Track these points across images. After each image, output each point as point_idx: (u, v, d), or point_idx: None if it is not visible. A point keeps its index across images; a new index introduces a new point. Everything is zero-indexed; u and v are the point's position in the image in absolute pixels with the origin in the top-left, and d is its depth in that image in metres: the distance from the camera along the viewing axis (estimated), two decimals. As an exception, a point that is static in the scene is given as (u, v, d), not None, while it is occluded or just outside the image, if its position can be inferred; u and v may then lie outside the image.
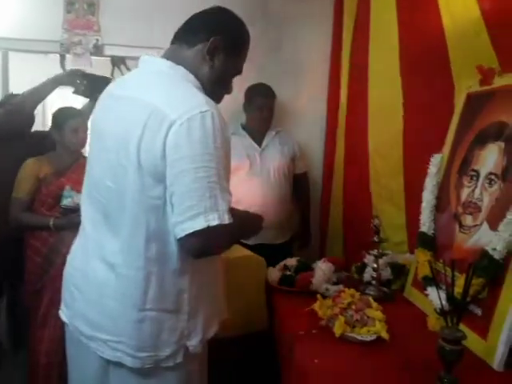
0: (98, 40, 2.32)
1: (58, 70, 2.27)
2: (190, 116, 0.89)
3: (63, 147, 2.03)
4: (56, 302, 1.98)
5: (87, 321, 1.03)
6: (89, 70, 2.27)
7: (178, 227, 0.91)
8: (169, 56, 1.04)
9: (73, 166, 2.05)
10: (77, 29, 2.28)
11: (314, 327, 1.30)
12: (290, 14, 2.51)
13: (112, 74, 2.35)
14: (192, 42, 1.03)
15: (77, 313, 1.06)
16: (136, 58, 2.32)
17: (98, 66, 2.33)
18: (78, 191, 1.99)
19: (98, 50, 2.31)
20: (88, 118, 2.32)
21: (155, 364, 0.98)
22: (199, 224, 0.88)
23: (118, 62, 2.33)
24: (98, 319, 1.00)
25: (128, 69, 2.32)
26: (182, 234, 0.90)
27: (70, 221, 1.94)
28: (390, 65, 1.91)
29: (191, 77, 1.02)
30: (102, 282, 1.00)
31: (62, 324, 1.12)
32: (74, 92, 2.22)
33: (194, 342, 1.01)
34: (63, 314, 1.13)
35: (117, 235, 0.98)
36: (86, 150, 2.46)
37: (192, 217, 0.88)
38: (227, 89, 1.11)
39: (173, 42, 1.08)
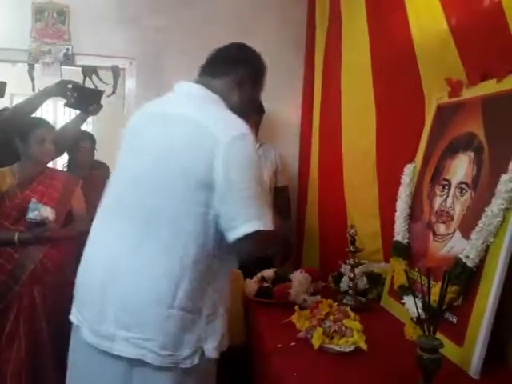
0: (68, 49, 2.28)
1: (26, 80, 2.20)
2: (236, 135, 1.00)
3: (28, 158, 1.94)
4: (23, 320, 1.92)
5: (110, 319, 1.04)
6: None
7: (231, 231, 1.01)
8: (203, 84, 1.14)
9: (38, 178, 1.97)
10: (46, 38, 2.23)
11: (292, 339, 1.28)
12: (262, 25, 2.53)
13: (83, 84, 2.30)
14: (221, 73, 1.15)
15: (96, 314, 1.06)
16: (108, 68, 2.35)
17: (69, 76, 2.27)
18: (45, 204, 1.92)
19: (68, 60, 2.26)
20: (75, 130, 2.27)
21: (174, 363, 1.02)
22: (250, 228, 1.00)
23: (89, 72, 2.29)
24: (123, 316, 1.03)
25: (100, 79, 2.28)
26: (235, 237, 1.01)
27: (37, 235, 1.86)
28: (362, 77, 1.94)
29: (223, 103, 1.13)
30: (133, 281, 1.04)
31: (29, 344, 1.07)
32: (66, 104, 2.19)
33: (210, 346, 1.06)
34: (75, 318, 1.14)
35: (155, 238, 1.03)
36: (52, 162, 2.42)
37: (244, 222, 1.00)
38: (249, 116, 1.23)
39: (201, 74, 1.18)
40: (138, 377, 1.03)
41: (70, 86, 2.07)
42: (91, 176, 2.47)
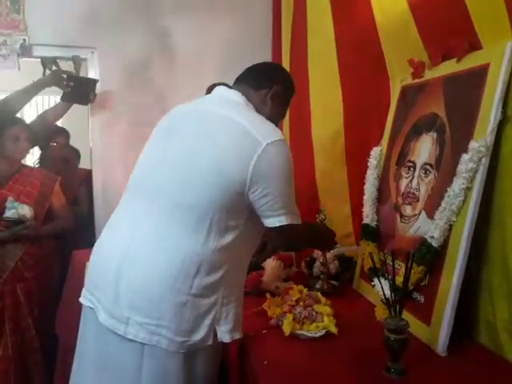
0: (25, 40, 2.17)
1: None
2: (275, 141, 1.05)
3: (2, 157, 1.93)
4: (8, 318, 1.90)
5: (124, 303, 1.04)
6: (16, 72, 2.15)
7: (270, 219, 1.08)
8: (240, 92, 1.19)
9: (15, 177, 1.96)
10: (0, 28, 2.13)
11: (264, 327, 1.28)
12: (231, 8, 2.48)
13: (44, 76, 2.22)
14: (257, 86, 1.20)
15: (111, 297, 1.06)
16: (68, 59, 2.26)
17: (27, 68, 2.19)
18: (22, 202, 1.89)
19: (25, 51, 2.16)
20: (56, 118, 2.25)
21: (188, 349, 1.04)
22: (286, 220, 1.08)
23: (49, 63, 2.20)
24: (138, 302, 1.03)
25: (60, 70, 2.20)
26: (273, 226, 1.09)
27: (15, 233, 1.86)
28: (328, 60, 1.92)
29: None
30: (150, 265, 1.04)
31: (16, 341, 1.04)
32: (63, 98, 2.19)
33: (223, 328, 1.07)
34: (87, 301, 1.14)
35: (175, 226, 1.05)
36: (27, 160, 2.37)
37: (283, 214, 1.08)
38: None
39: (238, 82, 1.24)
40: (150, 360, 1.04)
41: (64, 75, 2.07)
42: (67, 172, 2.44)
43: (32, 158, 3.00)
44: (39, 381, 1.93)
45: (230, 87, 1.21)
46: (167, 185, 1.08)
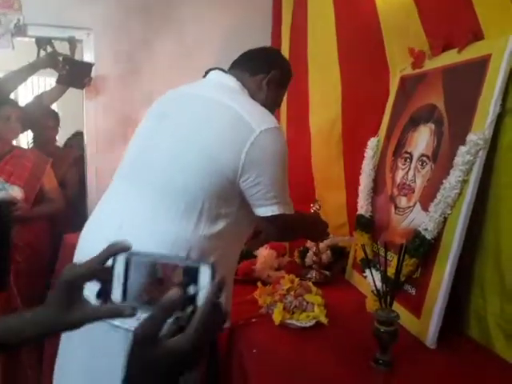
0: (19, 20, 2.13)
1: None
2: (270, 127, 1.03)
3: None
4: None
5: None
6: (10, 52, 2.11)
7: (261, 208, 1.07)
8: (235, 77, 1.16)
9: (5, 158, 1.94)
10: (-6, 7, 2.08)
11: (254, 316, 1.27)
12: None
13: (38, 57, 2.18)
14: (253, 72, 1.18)
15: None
16: (63, 39, 2.22)
17: (22, 48, 2.15)
18: (13, 183, 1.88)
19: (20, 31, 2.12)
20: (52, 101, 2.24)
21: None
22: (278, 210, 1.07)
23: (43, 44, 2.16)
24: None
25: (56, 51, 2.16)
26: (265, 215, 1.08)
27: (5, 214, 1.84)
28: (328, 49, 1.89)
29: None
30: (140, 248, 1.01)
31: None
32: (58, 81, 2.17)
33: None
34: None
35: (166, 210, 1.03)
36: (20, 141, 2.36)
37: (275, 203, 1.07)
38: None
39: (233, 67, 1.21)
40: None
41: (60, 58, 2.06)
42: (57, 153, 2.42)
43: (26, 139, 2.98)
44: (28, 360, 1.93)
45: (225, 72, 1.19)
46: (157, 169, 1.06)
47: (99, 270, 0.56)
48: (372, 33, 1.64)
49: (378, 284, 1.09)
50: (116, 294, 0.55)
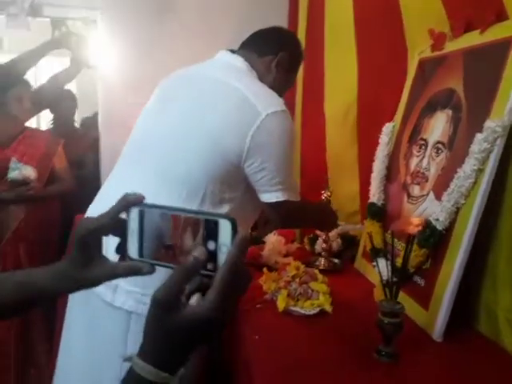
0: (33, -1, 2.12)
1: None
2: (276, 110, 1.00)
3: (6, 117, 1.92)
4: None
5: None
6: (26, 32, 2.11)
7: (266, 194, 1.05)
8: (244, 57, 1.13)
9: (18, 138, 1.97)
10: (9, -14, 2.08)
11: (258, 302, 1.26)
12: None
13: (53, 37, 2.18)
14: (262, 53, 1.14)
15: None
16: (78, 20, 2.21)
17: (36, 29, 2.15)
18: (26, 163, 1.91)
19: (34, 11, 2.12)
20: (67, 81, 2.27)
21: None
22: (283, 196, 1.05)
23: (58, 24, 2.16)
24: None
25: (70, 31, 2.15)
26: (269, 201, 1.06)
27: (19, 194, 1.89)
28: (345, 30, 1.82)
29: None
30: None
31: None
32: (72, 61, 2.18)
33: None
34: None
35: (168, 194, 1.02)
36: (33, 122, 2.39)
37: (280, 190, 1.05)
38: (281, 98, 1.21)
39: (242, 47, 1.18)
40: (136, 326, 1.03)
41: (74, 37, 2.06)
42: (75, 134, 2.44)
43: (45, 120, 3.01)
44: (39, 337, 1.98)
45: (233, 52, 1.15)
46: (160, 154, 1.04)
47: (113, 224, 0.53)
48: (391, 13, 1.57)
49: (384, 274, 1.06)
50: (132, 250, 0.52)
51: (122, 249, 0.53)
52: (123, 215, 0.53)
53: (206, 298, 0.45)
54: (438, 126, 1.28)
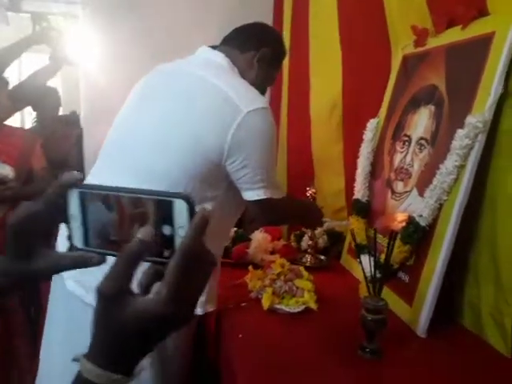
0: (13, -7, 2.08)
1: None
2: (257, 107, 0.99)
3: None
4: None
5: (92, 272, 1.00)
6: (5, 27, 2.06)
7: (249, 192, 1.04)
8: (225, 54, 1.12)
9: None
10: (-12, -20, 2.03)
11: (243, 300, 1.26)
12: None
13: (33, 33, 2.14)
14: (244, 48, 1.13)
15: None
16: (59, 15, 2.17)
17: (16, 24, 2.10)
18: (4, 162, 1.86)
19: (14, 5, 2.06)
20: (46, 79, 2.21)
21: None
22: (265, 194, 1.04)
23: (38, 19, 2.11)
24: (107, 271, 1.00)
25: (51, 27, 2.11)
26: (252, 199, 1.05)
27: None
28: (329, 28, 1.82)
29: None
30: None
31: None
32: (51, 58, 2.11)
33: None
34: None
35: None
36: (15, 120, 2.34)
37: (262, 187, 1.04)
38: (263, 95, 1.19)
39: (223, 43, 1.17)
40: None
41: (54, 33, 2.02)
42: (57, 133, 2.40)
43: (29, 118, 2.96)
44: (21, 341, 1.94)
45: (214, 48, 1.14)
46: (138, 154, 1.02)
47: (51, 209, 0.46)
48: (374, 10, 1.56)
49: (368, 270, 1.06)
50: (76, 238, 0.46)
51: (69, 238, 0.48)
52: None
53: (156, 290, 0.40)
54: (421, 123, 1.29)
